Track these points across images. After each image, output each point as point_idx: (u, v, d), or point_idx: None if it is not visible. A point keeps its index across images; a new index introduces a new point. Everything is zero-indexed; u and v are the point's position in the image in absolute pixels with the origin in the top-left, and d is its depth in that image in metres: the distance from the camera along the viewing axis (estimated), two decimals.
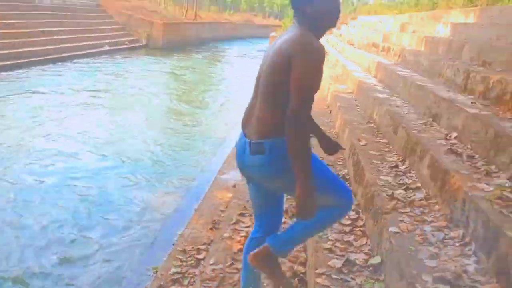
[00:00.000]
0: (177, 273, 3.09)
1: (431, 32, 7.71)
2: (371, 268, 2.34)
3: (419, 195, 2.76)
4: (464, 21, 7.23)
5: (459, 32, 6.58)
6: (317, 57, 1.76)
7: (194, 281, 2.95)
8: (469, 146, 3.10)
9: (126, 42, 19.06)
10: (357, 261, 2.40)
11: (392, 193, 2.76)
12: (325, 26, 1.92)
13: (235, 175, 5.05)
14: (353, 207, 2.54)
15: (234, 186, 4.68)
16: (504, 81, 3.54)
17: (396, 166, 3.30)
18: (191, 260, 3.25)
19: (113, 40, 18.15)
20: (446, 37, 6.73)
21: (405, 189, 2.84)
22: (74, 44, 15.70)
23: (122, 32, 19.88)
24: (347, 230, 2.77)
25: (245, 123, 1.99)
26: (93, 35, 17.27)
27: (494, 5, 12.86)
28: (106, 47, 17.12)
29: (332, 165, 4.03)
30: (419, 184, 2.93)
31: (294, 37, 1.80)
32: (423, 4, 19.34)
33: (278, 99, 1.81)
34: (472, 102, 3.70)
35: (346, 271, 2.30)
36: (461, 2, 15.52)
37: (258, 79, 1.95)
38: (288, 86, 1.75)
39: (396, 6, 18.73)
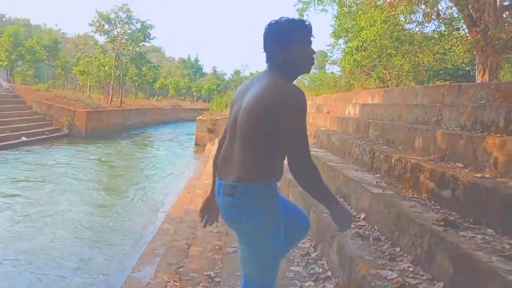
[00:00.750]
0: None
1: (343, 112, 8.13)
2: None
3: (329, 286, 2.63)
4: (371, 101, 7.71)
5: (366, 112, 6.96)
6: (303, 104, 1.81)
7: None
8: (375, 228, 3.08)
9: (46, 132, 18.30)
10: None
11: (301, 286, 2.61)
12: (298, 71, 1.95)
13: (150, 272, 4.67)
14: None
15: (147, 285, 4.30)
16: (404, 159, 3.66)
17: (308, 254, 3.19)
18: None
19: (31, 131, 17.36)
20: (355, 117, 7.09)
21: (314, 280, 2.71)
22: None
23: (41, 122, 19.15)
24: None
25: (221, 168, 1.99)
26: (8, 126, 16.45)
27: (399, 85, 14.05)
28: (23, 138, 16.29)
29: None
30: (329, 273, 2.81)
31: (274, 85, 1.82)
32: (340, 85, 20.82)
33: (259, 145, 1.84)
34: (377, 182, 3.77)
35: None
36: (374, 84, 16.89)
37: (233, 123, 1.94)
38: (271, 133, 1.80)
39: (315, 88, 19.89)
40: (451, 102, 4.95)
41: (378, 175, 4.08)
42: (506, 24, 13.81)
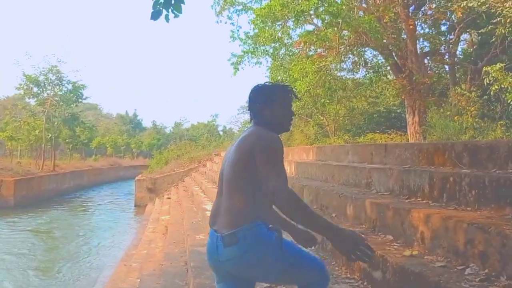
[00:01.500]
0: None
1: None
2: None
3: None
4: (306, 158, 7.73)
5: (302, 171, 6.95)
6: (276, 144, 1.94)
7: None
8: None
9: None
10: None
11: None
12: (279, 128, 2.11)
13: None
14: None
15: None
16: None
17: None
18: None
19: None
20: (291, 176, 7.04)
21: None
22: None
23: None
24: None
25: (214, 220, 2.06)
26: None
27: (337, 131, 14.31)
28: None
29: None
30: None
31: (251, 133, 2.03)
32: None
33: (244, 188, 1.96)
34: None
35: None
36: (313, 130, 17.16)
37: (220, 178, 2.10)
38: (251, 176, 1.92)
39: None
40: (380, 162, 5.01)
41: (313, 247, 3.94)
42: (428, 70, 14.82)
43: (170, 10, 4.74)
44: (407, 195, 3.75)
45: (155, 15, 4.73)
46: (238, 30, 16.63)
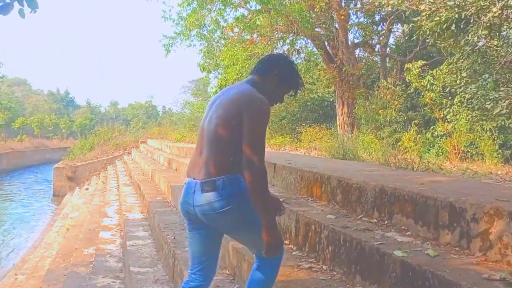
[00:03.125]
0: None
1: None
2: None
3: None
4: None
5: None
6: (265, 108, 2.00)
7: None
8: None
9: None
10: None
11: None
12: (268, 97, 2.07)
13: None
14: None
15: None
16: None
17: None
18: None
19: None
20: None
21: None
22: None
23: None
24: None
25: (192, 170, 2.08)
26: None
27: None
28: None
29: None
30: None
31: (243, 93, 2.03)
32: None
33: (227, 143, 1.97)
34: None
35: None
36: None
37: (202, 131, 2.10)
38: (236, 133, 1.94)
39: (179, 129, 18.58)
40: (269, 182, 4.58)
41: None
42: (359, 61, 14.69)
43: (24, 4, 4.10)
44: None
45: (4, 9, 4.05)
46: (170, 10, 15.86)
